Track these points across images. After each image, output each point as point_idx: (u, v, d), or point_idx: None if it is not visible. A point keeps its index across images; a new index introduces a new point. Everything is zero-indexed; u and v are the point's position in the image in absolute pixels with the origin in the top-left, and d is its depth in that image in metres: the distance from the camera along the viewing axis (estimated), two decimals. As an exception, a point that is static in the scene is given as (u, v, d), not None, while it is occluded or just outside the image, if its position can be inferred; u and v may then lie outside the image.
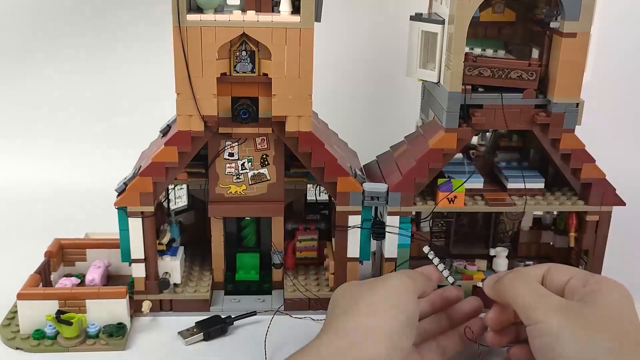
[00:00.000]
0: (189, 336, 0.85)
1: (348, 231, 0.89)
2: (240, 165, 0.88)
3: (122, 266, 0.93)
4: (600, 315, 0.68)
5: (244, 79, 0.83)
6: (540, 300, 0.71)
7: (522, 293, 0.72)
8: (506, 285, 0.74)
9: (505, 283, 0.74)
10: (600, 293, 0.70)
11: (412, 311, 0.72)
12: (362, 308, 0.70)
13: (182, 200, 1.00)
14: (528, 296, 0.72)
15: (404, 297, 0.72)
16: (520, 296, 0.72)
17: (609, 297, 0.70)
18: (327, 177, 0.86)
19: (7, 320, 0.87)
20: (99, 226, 1.00)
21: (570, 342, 0.66)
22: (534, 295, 0.72)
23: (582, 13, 0.80)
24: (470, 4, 0.80)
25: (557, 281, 0.74)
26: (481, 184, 0.91)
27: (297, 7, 0.80)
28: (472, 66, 0.84)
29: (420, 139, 0.90)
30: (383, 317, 0.69)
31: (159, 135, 0.93)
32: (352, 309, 0.71)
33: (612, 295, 0.70)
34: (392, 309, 0.70)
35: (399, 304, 0.71)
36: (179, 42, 0.79)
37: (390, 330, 0.68)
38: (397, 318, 0.69)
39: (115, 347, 0.83)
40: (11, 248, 1.07)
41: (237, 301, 0.93)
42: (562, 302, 0.70)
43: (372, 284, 0.74)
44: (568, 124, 0.85)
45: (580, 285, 0.72)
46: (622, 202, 0.88)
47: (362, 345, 0.67)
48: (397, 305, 0.71)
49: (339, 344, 0.67)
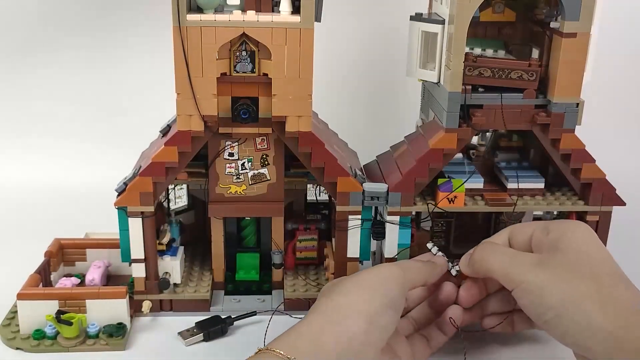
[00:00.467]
0: (189, 337, 0.85)
1: (348, 231, 0.89)
2: (240, 165, 0.88)
3: (122, 266, 0.93)
4: (573, 259, 0.71)
5: (244, 79, 0.83)
6: (513, 263, 0.73)
7: (494, 261, 0.75)
8: (478, 260, 0.77)
9: (476, 258, 0.77)
10: (565, 237, 0.73)
11: (395, 296, 0.72)
12: (343, 289, 0.72)
13: (182, 200, 1.00)
14: (501, 262, 0.74)
15: (389, 283, 0.73)
16: (494, 265, 0.74)
17: (574, 239, 0.73)
18: (327, 177, 0.86)
19: (7, 320, 0.87)
20: (99, 226, 1.00)
21: (553, 293, 0.68)
22: (506, 259, 0.74)
23: (582, 13, 0.80)
24: (470, 4, 0.80)
25: (521, 239, 0.77)
26: (481, 184, 0.91)
27: (297, 7, 0.79)
28: (472, 66, 0.84)
29: (420, 139, 0.90)
30: (363, 298, 0.70)
31: (159, 135, 0.93)
32: (335, 291, 0.72)
33: (576, 236, 0.73)
34: (373, 291, 0.71)
35: (381, 287, 0.72)
36: (179, 42, 0.79)
37: (370, 310, 0.69)
38: (378, 300, 0.70)
39: (115, 347, 0.83)
40: (11, 248, 1.07)
41: (237, 301, 0.93)
42: (534, 258, 0.73)
43: (359, 272, 0.76)
44: (568, 124, 0.85)
45: (543, 235, 0.75)
46: (622, 202, 0.88)
47: (342, 323, 0.68)
48: (379, 289, 0.71)
49: (319, 322, 0.68)
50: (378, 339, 0.69)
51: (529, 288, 0.70)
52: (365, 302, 0.70)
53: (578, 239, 0.73)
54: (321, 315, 0.69)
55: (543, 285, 0.69)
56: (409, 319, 0.81)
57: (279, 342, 0.66)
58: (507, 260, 0.74)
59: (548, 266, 0.71)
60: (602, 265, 0.71)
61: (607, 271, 0.70)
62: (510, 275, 0.72)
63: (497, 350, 0.85)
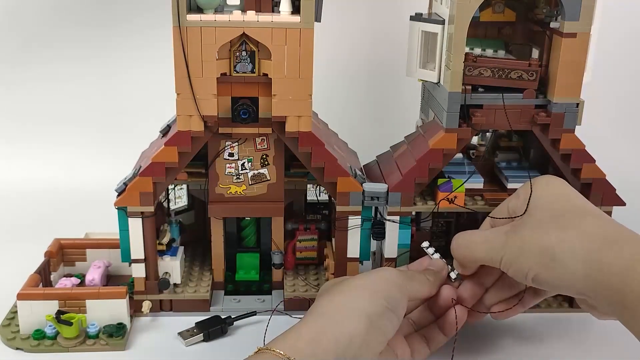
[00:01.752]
0: (189, 337, 0.85)
1: (348, 231, 0.89)
2: (240, 165, 0.88)
3: (122, 266, 0.93)
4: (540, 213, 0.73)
5: (244, 79, 0.83)
6: (489, 241, 0.75)
7: (474, 249, 0.77)
8: (460, 256, 0.78)
9: (457, 255, 0.79)
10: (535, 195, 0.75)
11: (397, 300, 0.72)
12: (344, 289, 0.72)
13: (182, 200, 1.00)
14: (479, 247, 0.76)
15: (391, 286, 0.73)
16: (476, 253, 0.77)
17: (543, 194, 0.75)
18: (327, 177, 0.86)
19: (7, 320, 0.87)
20: (99, 226, 1.00)
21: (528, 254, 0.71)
22: (481, 241, 0.76)
23: (582, 13, 0.80)
24: (470, 4, 0.80)
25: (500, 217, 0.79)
26: (481, 184, 0.91)
27: (297, 7, 0.80)
28: (472, 66, 0.84)
29: (420, 139, 0.90)
30: (364, 298, 0.70)
31: (159, 135, 0.93)
32: (334, 292, 0.72)
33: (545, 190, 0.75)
34: (375, 293, 0.71)
35: (383, 290, 0.72)
36: (179, 42, 0.79)
37: (371, 311, 0.69)
38: (378, 301, 0.70)
39: (115, 347, 0.83)
40: (11, 248, 1.07)
41: (237, 301, 0.93)
42: (505, 229, 0.75)
43: (359, 275, 0.76)
44: (568, 124, 0.85)
45: (516, 200, 0.77)
46: (622, 202, 0.89)
47: (342, 323, 0.68)
48: (380, 291, 0.71)
49: (319, 323, 0.68)
50: (378, 342, 0.69)
51: (509, 258, 0.72)
52: (366, 303, 0.70)
53: (546, 192, 0.75)
54: (321, 316, 0.69)
55: (519, 251, 0.71)
56: (408, 320, 0.81)
57: (279, 342, 0.66)
58: (483, 242, 0.76)
59: (518, 231, 0.73)
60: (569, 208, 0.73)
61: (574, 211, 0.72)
62: (490, 254, 0.74)
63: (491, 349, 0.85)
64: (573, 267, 0.68)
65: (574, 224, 0.70)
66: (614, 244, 0.67)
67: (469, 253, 0.77)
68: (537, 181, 0.78)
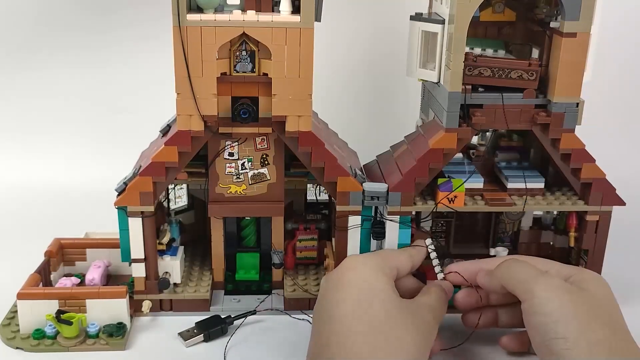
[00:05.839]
0: (189, 337, 0.85)
1: (348, 231, 0.89)
2: (240, 165, 0.88)
3: (122, 266, 0.93)
4: (597, 301, 0.69)
5: (244, 79, 0.83)
6: (540, 277, 0.72)
7: (520, 271, 0.73)
8: (504, 270, 0.76)
9: (503, 269, 0.76)
10: (590, 282, 0.72)
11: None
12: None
13: (182, 200, 1.00)
14: (527, 273, 0.73)
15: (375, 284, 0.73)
16: (518, 274, 0.73)
17: (597, 286, 0.72)
18: (327, 177, 0.86)
19: (7, 320, 0.87)
20: (99, 226, 1.00)
21: (571, 323, 0.66)
22: (534, 272, 0.73)
23: (582, 13, 0.80)
24: (470, 4, 0.80)
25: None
26: (481, 184, 0.91)
27: (297, 7, 0.80)
28: (472, 66, 0.84)
29: (420, 139, 0.90)
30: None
31: (159, 135, 0.93)
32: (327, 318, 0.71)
33: (599, 283, 0.73)
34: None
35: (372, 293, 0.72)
36: (179, 42, 0.79)
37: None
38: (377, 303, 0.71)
39: (115, 347, 0.83)
40: (11, 248, 1.07)
41: (237, 301, 0.93)
42: (562, 282, 0.71)
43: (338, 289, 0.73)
44: (568, 123, 0.85)
45: (564, 275, 0.75)
46: (622, 202, 0.88)
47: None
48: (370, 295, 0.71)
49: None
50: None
51: (547, 307, 0.68)
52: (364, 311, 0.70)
53: (600, 287, 0.72)
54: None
55: (563, 310, 0.67)
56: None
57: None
58: (535, 273, 0.72)
59: (573, 294, 0.69)
60: (618, 318, 0.70)
61: (622, 324, 0.70)
62: (533, 285, 0.70)
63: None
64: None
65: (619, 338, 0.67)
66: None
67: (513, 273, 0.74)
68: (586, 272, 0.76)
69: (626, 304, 0.78)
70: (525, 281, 0.71)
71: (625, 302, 0.78)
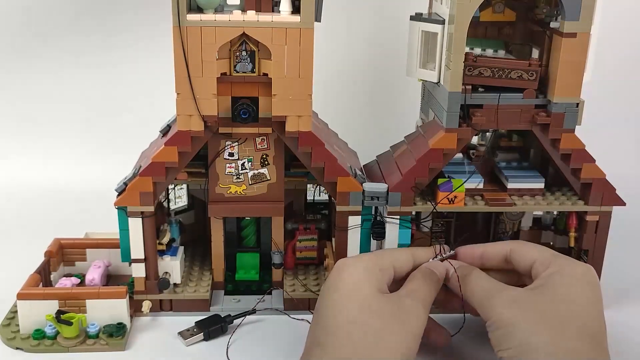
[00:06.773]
0: (189, 336, 0.85)
1: (348, 231, 0.89)
2: (240, 165, 0.88)
3: (122, 266, 0.93)
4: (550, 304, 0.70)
5: (244, 79, 0.83)
6: (497, 293, 0.73)
7: (478, 289, 0.75)
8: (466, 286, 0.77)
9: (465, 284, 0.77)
10: (556, 277, 0.73)
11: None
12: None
13: (182, 200, 1.00)
14: (481, 294, 0.75)
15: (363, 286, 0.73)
16: (474, 295, 0.75)
17: (571, 286, 0.72)
18: (327, 177, 0.87)
19: (7, 320, 0.87)
20: (99, 226, 1.00)
21: (516, 334, 0.69)
22: (486, 293, 0.74)
23: (582, 13, 0.80)
24: (470, 4, 0.80)
25: (522, 264, 0.78)
26: (481, 184, 0.91)
27: (297, 7, 0.80)
28: (472, 66, 0.84)
29: (420, 139, 0.90)
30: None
31: (159, 135, 0.93)
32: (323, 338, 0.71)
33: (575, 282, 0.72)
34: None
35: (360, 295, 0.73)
36: (179, 42, 0.79)
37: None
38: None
39: (115, 347, 0.83)
40: (11, 248, 1.07)
41: (237, 301, 0.93)
42: (513, 296, 0.73)
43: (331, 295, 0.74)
44: (568, 124, 0.85)
45: (542, 269, 0.75)
46: (622, 202, 0.88)
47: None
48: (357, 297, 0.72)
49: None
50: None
51: (499, 324, 0.71)
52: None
53: (567, 283, 0.73)
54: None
55: (511, 324, 0.70)
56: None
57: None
58: (487, 294, 0.74)
59: (522, 306, 0.71)
60: (584, 319, 0.70)
61: (577, 324, 0.69)
62: (486, 308, 0.73)
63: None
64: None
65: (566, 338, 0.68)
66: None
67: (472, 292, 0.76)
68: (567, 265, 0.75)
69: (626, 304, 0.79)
70: (485, 298, 0.74)
71: (625, 302, 0.78)
